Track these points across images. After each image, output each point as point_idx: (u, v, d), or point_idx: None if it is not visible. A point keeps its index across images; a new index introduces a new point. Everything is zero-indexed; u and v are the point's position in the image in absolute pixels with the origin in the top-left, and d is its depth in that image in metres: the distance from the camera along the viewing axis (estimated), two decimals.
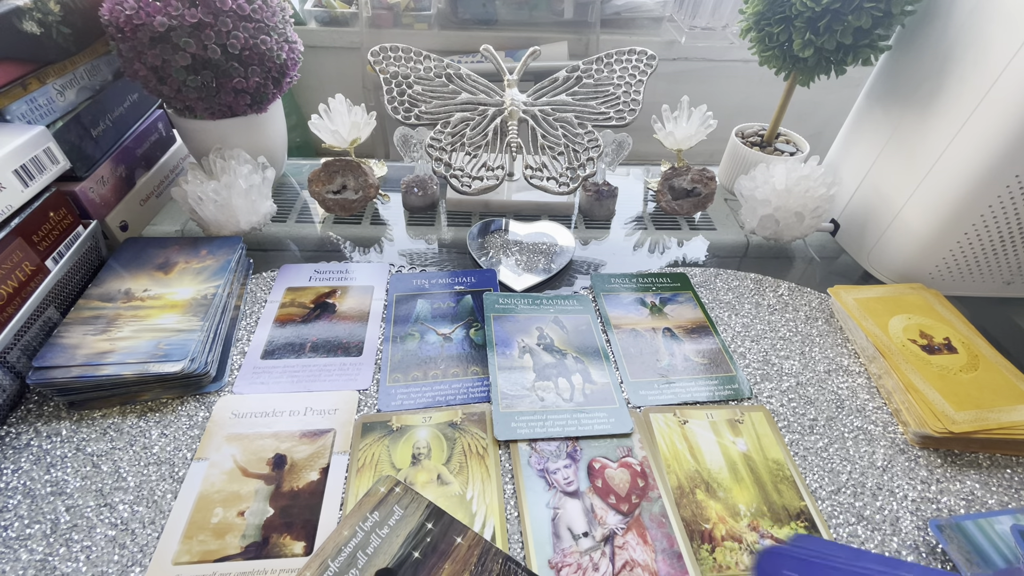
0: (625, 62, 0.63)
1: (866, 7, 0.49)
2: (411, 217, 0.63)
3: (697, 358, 0.46)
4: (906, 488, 0.38)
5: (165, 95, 0.53)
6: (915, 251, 0.54)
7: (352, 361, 0.45)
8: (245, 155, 0.54)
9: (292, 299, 0.50)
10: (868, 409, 0.43)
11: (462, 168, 0.56)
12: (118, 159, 0.55)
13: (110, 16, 0.48)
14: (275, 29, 0.54)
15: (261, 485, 0.36)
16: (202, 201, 0.51)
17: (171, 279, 0.47)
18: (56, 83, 0.48)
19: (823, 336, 0.50)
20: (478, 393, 0.43)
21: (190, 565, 0.32)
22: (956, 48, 0.47)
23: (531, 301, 0.50)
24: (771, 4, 0.54)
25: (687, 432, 0.40)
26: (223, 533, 0.33)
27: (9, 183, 0.42)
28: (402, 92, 0.59)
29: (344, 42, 1.23)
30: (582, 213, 0.65)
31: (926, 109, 0.50)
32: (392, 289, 0.52)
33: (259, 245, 0.58)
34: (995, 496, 0.38)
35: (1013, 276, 0.55)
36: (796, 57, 0.55)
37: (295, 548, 0.33)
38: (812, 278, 0.58)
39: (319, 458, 0.37)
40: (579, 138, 0.58)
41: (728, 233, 0.63)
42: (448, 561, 0.29)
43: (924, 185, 0.51)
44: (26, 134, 0.43)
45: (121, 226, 0.55)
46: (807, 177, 0.54)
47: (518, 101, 0.59)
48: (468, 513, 0.35)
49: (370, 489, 0.30)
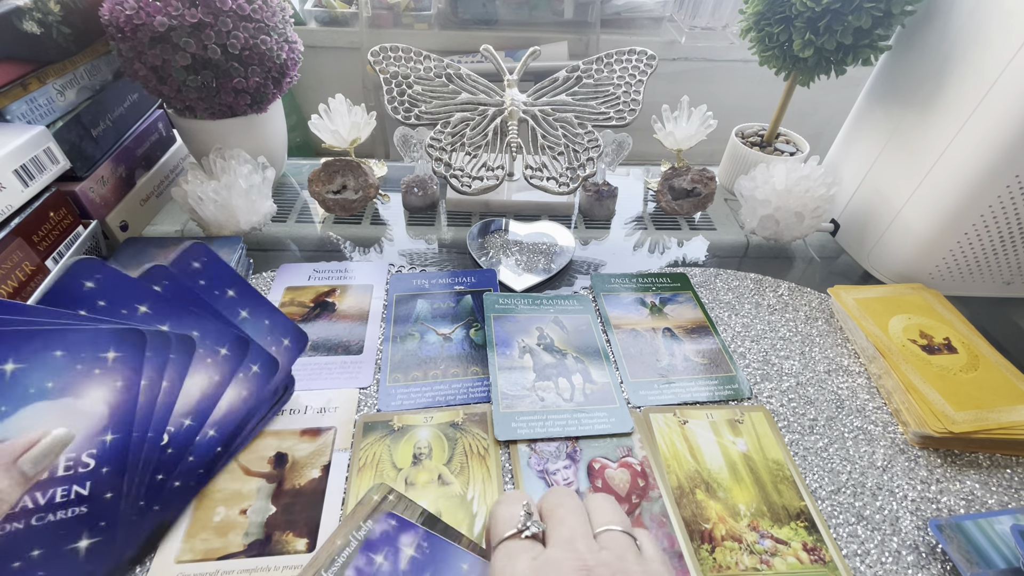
0: (625, 62, 0.63)
1: (866, 7, 0.49)
2: (411, 217, 0.63)
3: (697, 358, 0.46)
4: (906, 488, 0.38)
5: (165, 95, 0.53)
6: (915, 251, 0.54)
7: (352, 359, 0.45)
8: (245, 155, 0.54)
9: (291, 298, 0.50)
10: (868, 409, 0.43)
11: (462, 168, 0.56)
12: (118, 159, 0.55)
13: (110, 16, 0.48)
14: (275, 29, 0.54)
15: (263, 483, 0.36)
16: (202, 201, 0.51)
17: None
18: (56, 83, 0.48)
19: (823, 336, 0.50)
20: (478, 393, 0.43)
21: (193, 563, 0.32)
22: (956, 48, 0.48)
23: (531, 301, 0.50)
24: (771, 4, 0.54)
25: (687, 432, 0.40)
26: (225, 531, 0.33)
27: (9, 183, 0.42)
28: (402, 92, 0.59)
29: (344, 42, 1.23)
30: (582, 213, 0.65)
31: (926, 109, 0.50)
32: (392, 289, 0.52)
33: (259, 245, 0.58)
34: (995, 496, 0.38)
35: (1013, 276, 0.55)
36: (796, 57, 0.55)
37: (297, 545, 0.33)
38: (812, 278, 0.58)
39: (320, 456, 0.38)
40: (579, 138, 0.58)
41: (728, 233, 0.63)
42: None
43: (924, 185, 0.51)
44: (26, 134, 0.43)
45: (121, 226, 0.55)
46: (807, 177, 0.54)
47: (518, 101, 0.59)
48: (469, 514, 0.35)
49: (363, 498, 0.30)
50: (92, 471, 0.29)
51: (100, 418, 0.30)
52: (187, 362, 0.34)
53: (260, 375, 0.36)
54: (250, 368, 0.36)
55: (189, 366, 0.34)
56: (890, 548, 0.35)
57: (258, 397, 0.36)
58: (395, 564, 0.27)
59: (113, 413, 0.30)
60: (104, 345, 0.31)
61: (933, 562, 0.34)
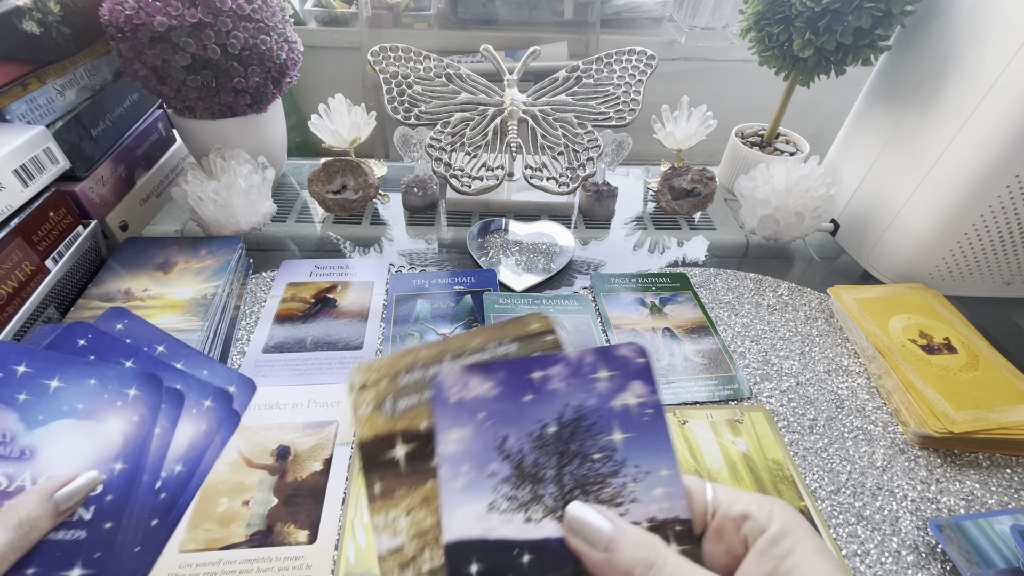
0: (625, 62, 0.63)
1: (866, 7, 0.49)
2: (411, 217, 0.63)
3: (697, 358, 0.46)
4: (906, 488, 0.38)
5: (165, 95, 0.53)
6: (915, 251, 0.54)
7: (353, 355, 0.45)
8: (245, 155, 0.54)
9: (293, 294, 0.50)
10: (868, 409, 0.43)
11: (462, 168, 0.56)
12: (118, 159, 0.55)
13: (110, 16, 0.48)
14: (275, 29, 0.54)
15: (265, 475, 0.36)
16: (202, 201, 0.51)
17: (171, 279, 0.47)
18: (56, 83, 0.48)
19: (823, 336, 0.50)
20: None
21: (196, 553, 0.32)
22: (956, 48, 0.47)
23: (531, 301, 0.50)
24: (771, 4, 0.54)
25: (687, 432, 0.40)
26: (228, 522, 0.34)
27: (9, 183, 0.42)
28: (402, 92, 0.59)
29: (344, 42, 1.23)
30: (582, 213, 0.65)
31: (926, 109, 0.50)
32: (392, 289, 0.52)
33: (259, 245, 0.58)
34: (995, 496, 0.38)
35: (1013, 276, 0.55)
36: (796, 57, 0.55)
37: (299, 537, 0.33)
38: (812, 278, 0.58)
39: (322, 449, 0.38)
40: (579, 138, 0.58)
41: (728, 233, 0.63)
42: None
43: (924, 185, 0.51)
44: (26, 134, 0.43)
45: (121, 226, 0.55)
46: (807, 177, 0.54)
47: (518, 101, 0.59)
48: None
49: (523, 317, 0.27)
50: (98, 496, 0.31)
51: (114, 446, 0.32)
52: (178, 412, 0.36)
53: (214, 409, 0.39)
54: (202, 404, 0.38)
55: (180, 415, 0.36)
56: (890, 548, 0.35)
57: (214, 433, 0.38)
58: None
59: (126, 443, 0.33)
60: (129, 382, 0.35)
61: (933, 562, 0.34)
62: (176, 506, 0.33)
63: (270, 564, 0.32)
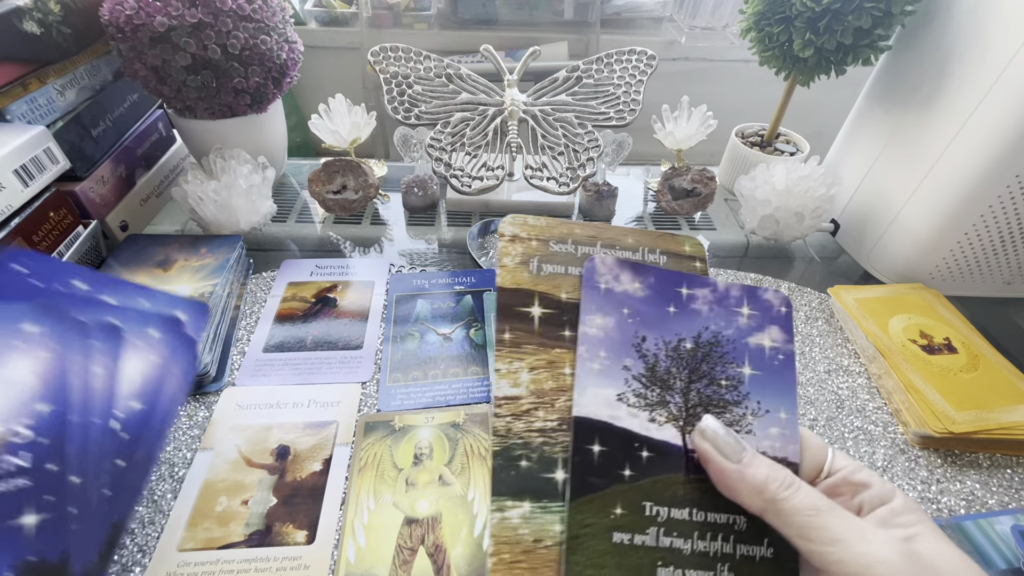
0: (625, 62, 0.63)
1: (866, 7, 0.49)
2: (411, 217, 0.63)
3: None
4: (906, 488, 0.38)
5: (165, 95, 0.53)
6: (915, 251, 0.54)
7: (353, 354, 0.45)
8: (245, 155, 0.54)
9: (293, 293, 0.50)
10: (868, 409, 0.43)
11: (462, 168, 0.56)
12: (118, 159, 0.55)
13: (110, 16, 0.48)
14: (275, 29, 0.54)
15: (265, 475, 0.36)
16: (202, 201, 0.51)
17: (170, 276, 0.47)
18: (56, 83, 0.48)
19: (823, 336, 0.50)
20: (478, 393, 0.43)
21: (194, 552, 0.32)
22: (956, 48, 0.48)
23: None
24: (771, 4, 0.54)
25: None
26: (227, 521, 0.34)
27: (9, 183, 0.42)
28: (402, 92, 0.59)
29: (344, 42, 1.23)
30: (582, 213, 0.65)
31: (926, 109, 0.50)
32: (392, 289, 0.52)
33: (259, 245, 0.58)
34: (995, 496, 0.38)
35: (1013, 276, 0.55)
36: (796, 57, 0.55)
37: (297, 537, 0.33)
38: (812, 278, 0.58)
39: (322, 449, 0.38)
40: (579, 138, 0.58)
41: (728, 233, 0.63)
42: None
43: (924, 185, 0.51)
44: (26, 134, 0.43)
45: (121, 226, 0.55)
46: (807, 177, 0.54)
47: (518, 101, 0.59)
48: (469, 514, 0.35)
49: (677, 235, 0.28)
50: (32, 443, 0.29)
51: (30, 388, 0.30)
52: (116, 347, 0.33)
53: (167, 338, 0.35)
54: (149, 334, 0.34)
55: (120, 351, 0.33)
56: None
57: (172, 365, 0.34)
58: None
59: (46, 383, 0.30)
60: (18, 318, 0.31)
61: None
62: (141, 445, 0.31)
63: (268, 564, 0.32)
